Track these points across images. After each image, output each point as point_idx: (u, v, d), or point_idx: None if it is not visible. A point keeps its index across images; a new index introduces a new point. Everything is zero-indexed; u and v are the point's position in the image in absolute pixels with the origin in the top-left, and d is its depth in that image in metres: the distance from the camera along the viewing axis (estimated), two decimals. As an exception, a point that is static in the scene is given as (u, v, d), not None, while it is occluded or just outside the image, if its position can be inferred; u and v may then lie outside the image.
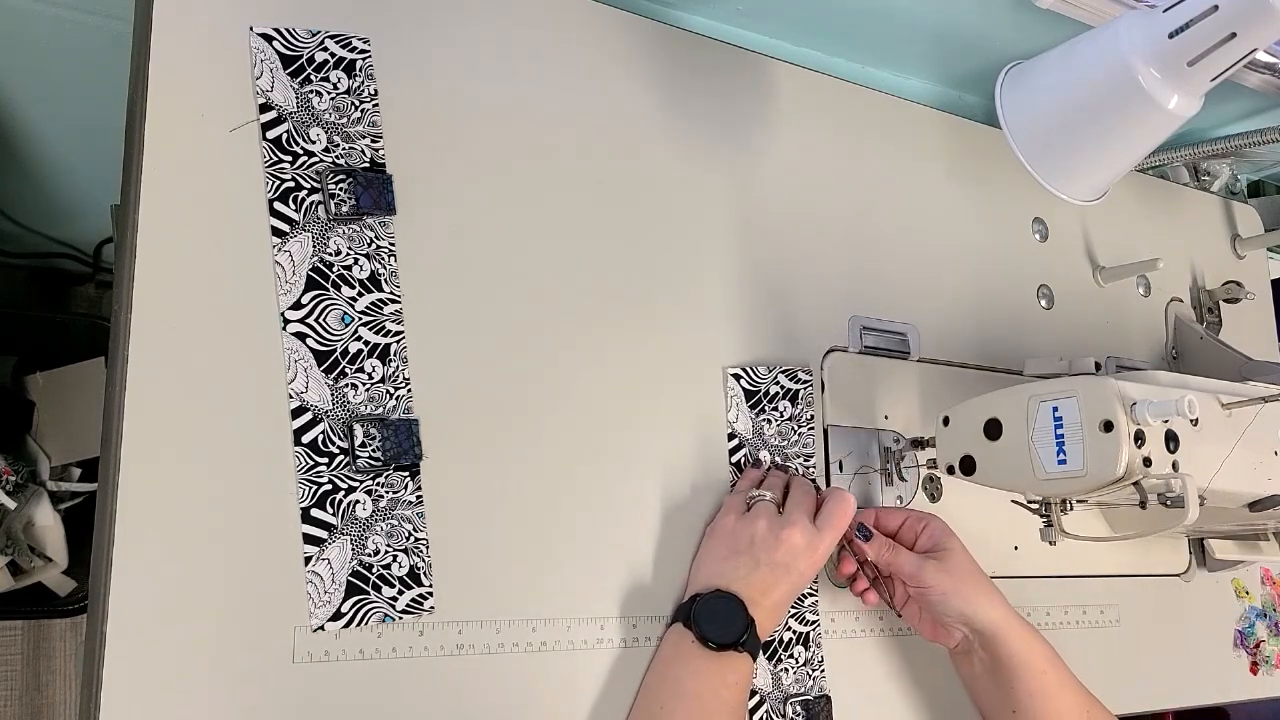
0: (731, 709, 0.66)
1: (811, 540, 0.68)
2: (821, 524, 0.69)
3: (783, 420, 0.78)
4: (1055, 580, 0.91)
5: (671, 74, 0.80)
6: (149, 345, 0.58)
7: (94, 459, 1.15)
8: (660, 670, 0.67)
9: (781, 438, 0.78)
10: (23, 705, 1.17)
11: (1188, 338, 1.07)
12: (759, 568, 0.68)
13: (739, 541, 0.69)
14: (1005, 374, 0.93)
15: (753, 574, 0.68)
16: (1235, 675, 1.03)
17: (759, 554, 0.68)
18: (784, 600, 0.69)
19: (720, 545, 0.70)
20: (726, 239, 0.80)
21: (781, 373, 0.79)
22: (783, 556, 0.68)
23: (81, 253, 1.31)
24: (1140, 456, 0.68)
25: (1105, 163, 0.75)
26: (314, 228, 0.64)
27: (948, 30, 0.95)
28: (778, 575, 0.68)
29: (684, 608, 0.68)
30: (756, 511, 0.70)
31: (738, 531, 0.69)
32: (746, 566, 0.68)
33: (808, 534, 0.68)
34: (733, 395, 0.77)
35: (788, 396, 0.78)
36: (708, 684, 0.65)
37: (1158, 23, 0.67)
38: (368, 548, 0.62)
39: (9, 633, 1.17)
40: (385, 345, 0.65)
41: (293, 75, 0.65)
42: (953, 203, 0.95)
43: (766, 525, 0.69)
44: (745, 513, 0.71)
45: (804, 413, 0.78)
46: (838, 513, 0.70)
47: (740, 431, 0.76)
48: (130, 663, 0.55)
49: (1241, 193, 1.30)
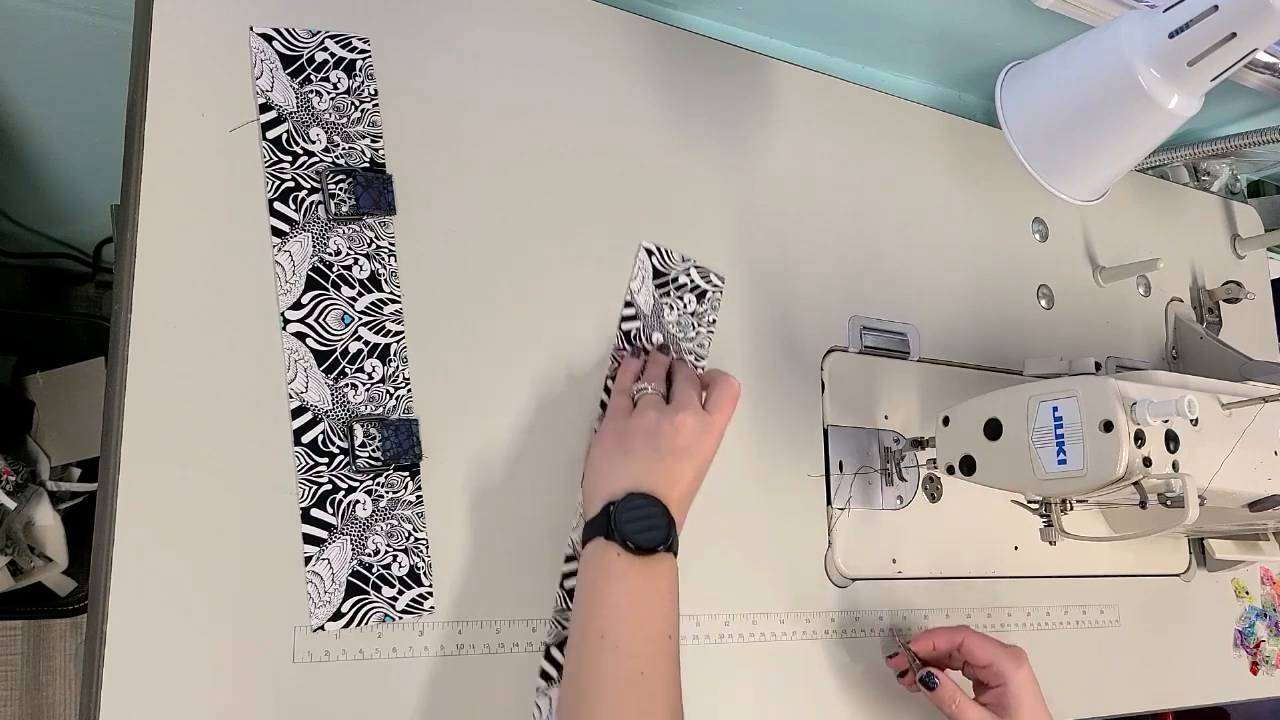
0: (671, 617, 0.62)
1: (704, 423, 0.66)
2: (711, 407, 0.67)
3: (684, 312, 0.77)
4: (1055, 580, 0.91)
5: (671, 74, 0.80)
6: (149, 345, 0.58)
7: (94, 459, 1.15)
8: (590, 596, 0.62)
9: (679, 328, 0.76)
10: (23, 705, 1.17)
11: (1188, 338, 1.07)
12: (662, 458, 0.64)
13: (633, 438, 0.65)
14: (1005, 374, 0.93)
15: (656, 466, 0.64)
16: (1235, 675, 1.03)
17: (660, 445, 0.64)
18: (691, 489, 0.65)
19: (614, 445, 0.66)
20: (726, 239, 0.80)
21: (694, 267, 0.78)
22: (683, 442, 0.64)
23: (81, 253, 1.31)
24: (1140, 456, 0.68)
25: (1105, 163, 0.75)
26: (314, 228, 0.64)
27: (948, 30, 0.95)
28: (682, 463, 0.64)
29: (598, 520, 0.63)
30: (644, 404, 0.67)
31: (630, 429, 0.65)
32: (649, 460, 0.64)
33: (699, 418, 0.66)
34: (641, 269, 0.76)
35: (695, 292, 0.77)
36: (644, 595, 0.61)
37: (1158, 23, 0.67)
38: (368, 548, 0.62)
39: (9, 633, 1.17)
40: (385, 345, 0.65)
41: (293, 75, 0.65)
42: (953, 203, 0.95)
43: (656, 416, 0.65)
44: (632, 409, 0.68)
45: (708, 314, 0.77)
46: (725, 394, 0.68)
47: (640, 304, 0.75)
48: (130, 663, 0.55)
49: (1241, 193, 1.30)
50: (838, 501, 0.81)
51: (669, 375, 0.71)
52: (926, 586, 0.84)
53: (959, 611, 0.85)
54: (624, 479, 0.63)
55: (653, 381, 0.69)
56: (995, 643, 0.75)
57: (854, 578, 0.80)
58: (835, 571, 0.80)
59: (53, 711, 1.18)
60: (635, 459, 0.64)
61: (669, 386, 0.70)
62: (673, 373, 0.71)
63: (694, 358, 0.77)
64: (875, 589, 0.81)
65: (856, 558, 0.81)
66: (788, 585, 0.77)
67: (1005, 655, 0.74)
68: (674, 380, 0.70)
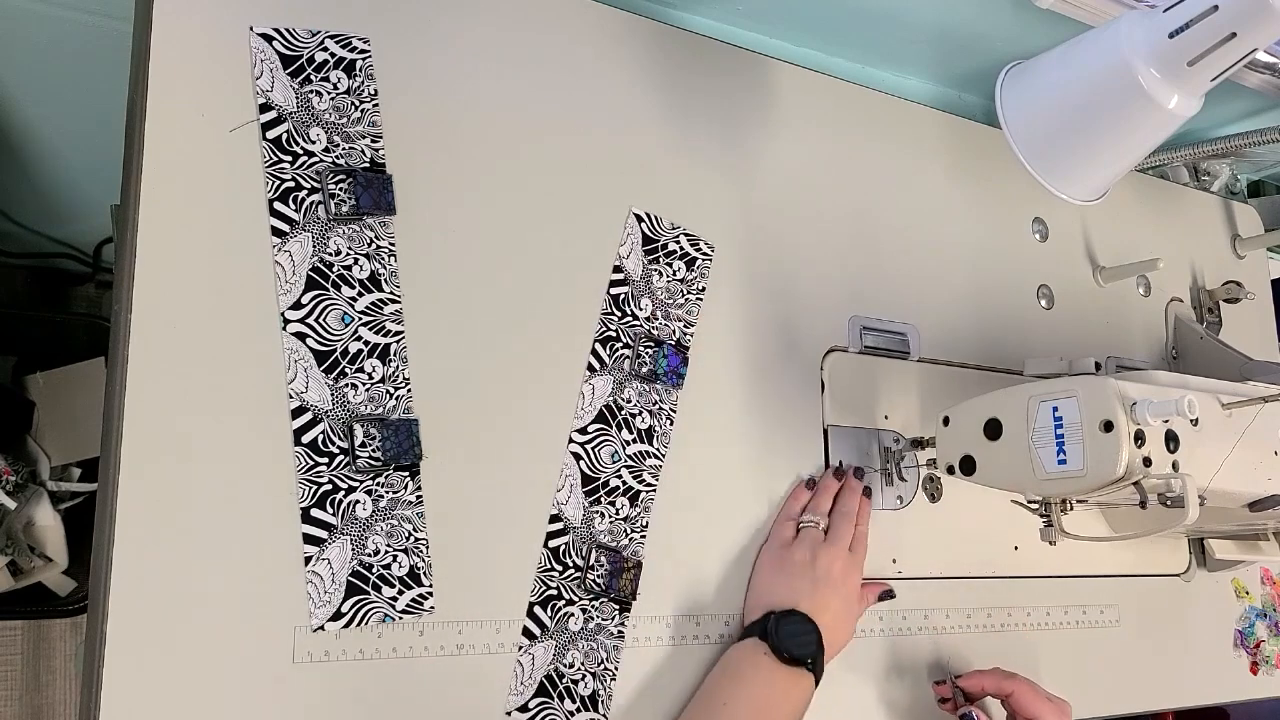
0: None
1: (851, 563, 0.76)
2: (856, 546, 0.77)
3: (673, 279, 0.77)
4: (1055, 580, 0.91)
5: (671, 74, 0.80)
6: (149, 345, 0.58)
7: (94, 459, 1.15)
8: (729, 672, 0.70)
9: (668, 294, 0.77)
10: (23, 705, 1.17)
11: (1188, 338, 1.07)
12: (817, 589, 0.73)
13: (793, 567, 0.74)
14: (1005, 374, 0.93)
15: (812, 593, 0.73)
16: (1235, 675, 1.03)
17: (816, 576, 0.73)
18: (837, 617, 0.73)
19: (777, 569, 0.75)
20: (726, 239, 0.80)
21: (684, 234, 0.78)
22: (835, 576, 0.74)
23: (81, 253, 1.31)
24: (1140, 456, 0.68)
25: (1105, 163, 0.75)
26: (314, 228, 0.64)
27: (948, 30, 0.95)
28: (830, 594, 0.73)
29: (758, 624, 0.72)
30: (804, 537, 0.76)
31: (789, 559, 0.75)
32: (805, 588, 0.73)
33: (847, 559, 0.75)
34: (630, 234, 0.76)
35: (683, 259, 0.78)
36: (776, 695, 0.69)
37: (1158, 23, 0.67)
38: (368, 548, 0.62)
39: (9, 633, 1.17)
40: (385, 345, 0.65)
41: (293, 75, 0.65)
42: (953, 203, 0.95)
43: (812, 551, 0.75)
44: (794, 539, 0.76)
45: (697, 281, 0.78)
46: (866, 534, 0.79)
47: (629, 269, 0.75)
48: (130, 663, 0.55)
49: (1241, 193, 1.30)
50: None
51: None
52: (926, 586, 0.84)
53: (959, 612, 0.85)
54: (786, 598, 0.73)
55: (818, 515, 0.77)
56: (1044, 697, 0.77)
57: (854, 578, 0.80)
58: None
59: (53, 711, 1.18)
60: (795, 584, 0.73)
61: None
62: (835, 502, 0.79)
63: (682, 325, 0.77)
64: (875, 589, 0.81)
65: (856, 558, 0.81)
66: (788, 585, 0.77)
67: (1051, 711, 0.77)
68: (833, 514, 0.78)
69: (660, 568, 0.72)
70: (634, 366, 0.73)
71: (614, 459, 0.71)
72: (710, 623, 0.73)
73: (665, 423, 0.74)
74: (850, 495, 0.79)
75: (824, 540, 0.76)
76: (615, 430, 0.72)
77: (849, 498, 0.79)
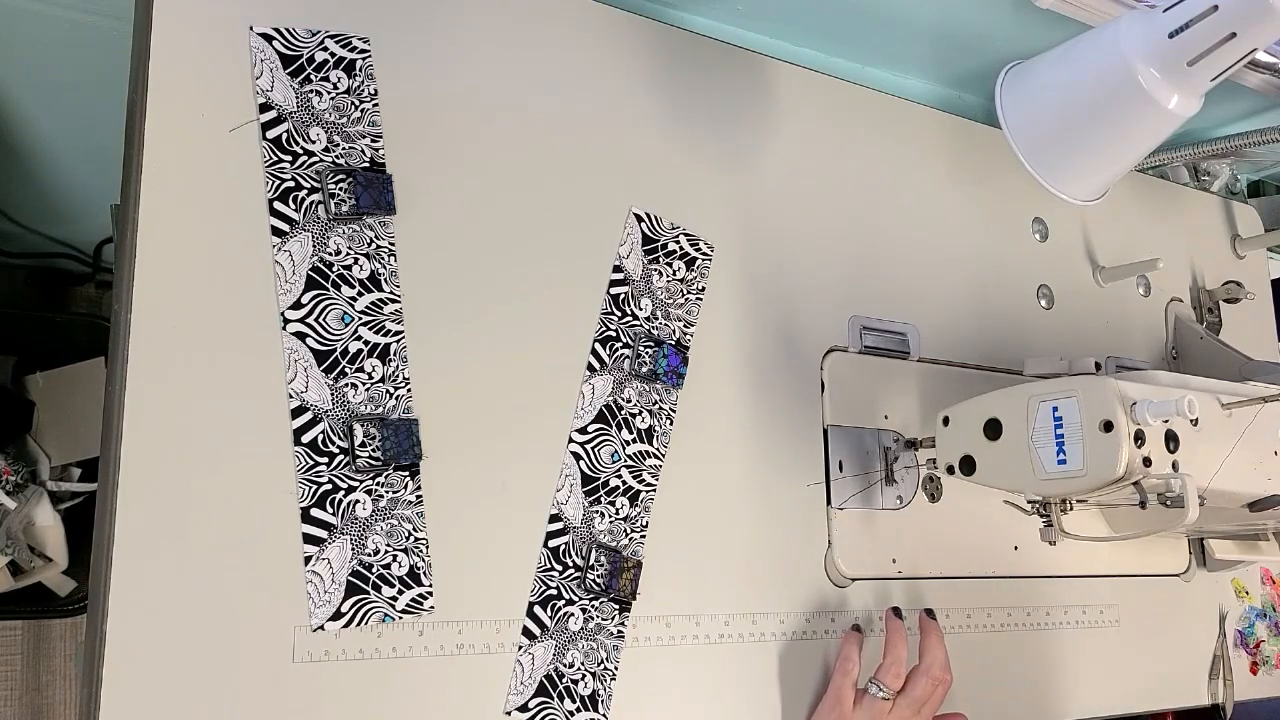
0: None
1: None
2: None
3: (673, 279, 0.77)
4: (1055, 580, 0.91)
5: (671, 74, 0.80)
6: (149, 345, 0.58)
7: (94, 459, 1.15)
8: None
9: (668, 294, 0.77)
10: (23, 705, 1.17)
11: (1188, 338, 1.07)
12: None
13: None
14: (1005, 374, 0.93)
15: None
16: (1235, 675, 1.03)
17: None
18: None
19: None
20: (727, 239, 0.80)
21: (684, 234, 0.78)
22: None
23: (81, 253, 1.31)
24: (1140, 456, 0.68)
25: (1105, 162, 0.75)
26: (314, 227, 0.64)
27: (948, 30, 0.95)
28: None
29: None
30: (867, 706, 0.74)
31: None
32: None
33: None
34: (630, 234, 0.76)
35: (683, 259, 0.78)
36: None
37: (1158, 23, 0.67)
38: (367, 547, 0.62)
39: (9, 633, 1.17)
40: (385, 345, 0.65)
41: (293, 75, 0.65)
42: (953, 203, 0.95)
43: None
44: (858, 703, 0.74)
45: (697, 281, 0.78)
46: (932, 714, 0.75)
47: (629, 269, 0.75)
48: (130, 663, 0.55)
49: (1241, 193, 1.30)
50: (837, 500, 0.81)
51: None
52: (926, 586, 0.84)
53: (959, 611, 0.85)
54: None
55: (887, 683, 0.74)
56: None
57: (854, 578, 0.80)
58: (835, 571, 0.80)
59: (53, 711, 1.18)
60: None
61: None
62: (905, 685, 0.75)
63: (682, 325, 0.77)
64: (875, 589, 0.81)
65: (856, 558, 0.81)
66: (788, 585, 0.77)
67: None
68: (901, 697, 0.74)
69: (660, 568, 0.72)
70: (634, 366, 0.73)
71: (614, 459, 0.71)
72: (710, 623, 0.73)
73: (665, 422, 0.74)
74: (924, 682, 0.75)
75: (889, 714, 0.73)
76: (615, 430, 0.72)
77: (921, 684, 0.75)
